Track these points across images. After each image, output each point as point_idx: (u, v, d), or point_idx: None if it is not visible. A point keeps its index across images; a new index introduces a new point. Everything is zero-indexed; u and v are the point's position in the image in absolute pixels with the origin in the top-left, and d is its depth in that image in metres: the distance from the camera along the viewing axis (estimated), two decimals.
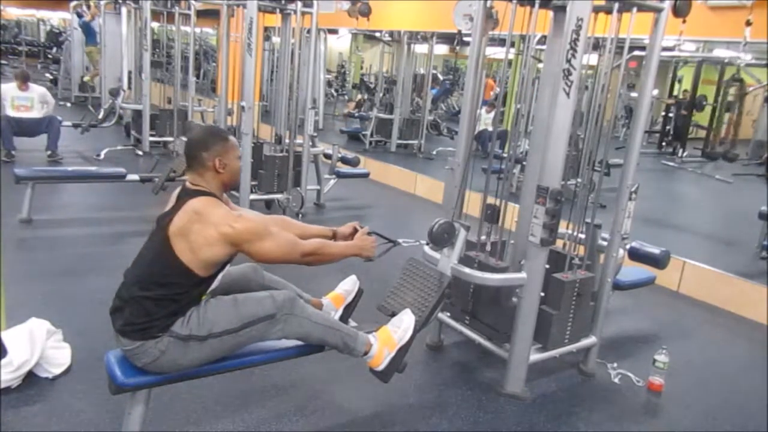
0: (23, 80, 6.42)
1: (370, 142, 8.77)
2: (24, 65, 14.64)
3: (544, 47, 3.10)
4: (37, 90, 6.57)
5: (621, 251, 2.88)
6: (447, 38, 9.62)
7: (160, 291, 1.83)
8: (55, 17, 20.63)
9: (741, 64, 6.02)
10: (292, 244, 1.95)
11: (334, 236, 2.27)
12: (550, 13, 2.65)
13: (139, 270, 1.90)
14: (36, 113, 6.46)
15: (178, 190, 1.94)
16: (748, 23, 4.13)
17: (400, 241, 2.42)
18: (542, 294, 2.61)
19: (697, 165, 9.84)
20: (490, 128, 7.86)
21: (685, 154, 10.48)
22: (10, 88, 6.38)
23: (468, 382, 2.78)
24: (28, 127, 6.41)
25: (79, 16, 10.08)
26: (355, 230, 2.28)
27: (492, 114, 8.04)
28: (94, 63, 10.15)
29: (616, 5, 2.54)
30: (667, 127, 11.43)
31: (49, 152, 6.44)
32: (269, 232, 1.90)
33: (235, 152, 1.96)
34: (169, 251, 1.81)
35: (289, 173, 5.06)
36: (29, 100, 6.44)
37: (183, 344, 1.84)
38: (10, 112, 6.32)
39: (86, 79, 10.58)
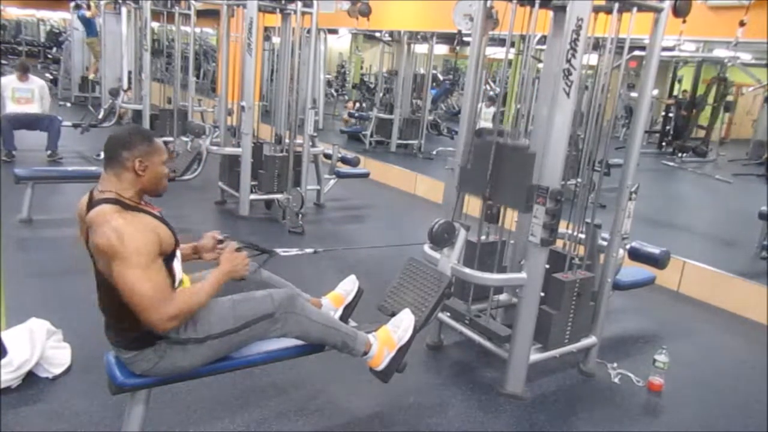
0: (23, 71, 6.44)
1: (370, 142, 8.78)
2: (24, 59, 14.67)
3: (544, 47, 3.10)
4: (37, 82, 6.60)
5: (621, 251, 2.88)
6: (447, 38, 9.61)
7: (125, 312, 1.74)
8: (55, 17, 20.63)
9: (728, 63, 6.02)
10: (167, 301, 1.68)
11: (195, 252, 2.10)
12: (550, 13, 2.65)
13: (99, 295, 1.84)
14: (36, 107, 6.47)
15: (85, 199, 1.82)
16: (742, 24, 4.14)
17: (278, 251, 2.20)
18: (542, 294, 2.61)
19: (697, 165, 9.86)
20: (490, 125, 7.84)
21: (685, 154, 10.50)
22: (11, 80, 6.41)
23: (468, 382, 2.78)
24: (28, 122, 6.42)
25: (79, 7, 10.06)
26: (218, 241, 2.07)
27: (492, 109, 8.01)
28: (95, 54, 10.14)
29: (616, 5, 2.54)
30: (667, 127, 11.44)
31: (49, 152, 6.44)
32: (145, 265, 1.65)
33: (159, 156, 1.82)
34: (98, 270, 1.75)
35: (289, 173, 5.06)
36: (30, 92, 6.45)
37: (181, 348, 1.83)
38: (11, 105, 6.32)
39: (91, 76, 10.59)
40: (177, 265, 1.87)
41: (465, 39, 3.70)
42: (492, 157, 2.60)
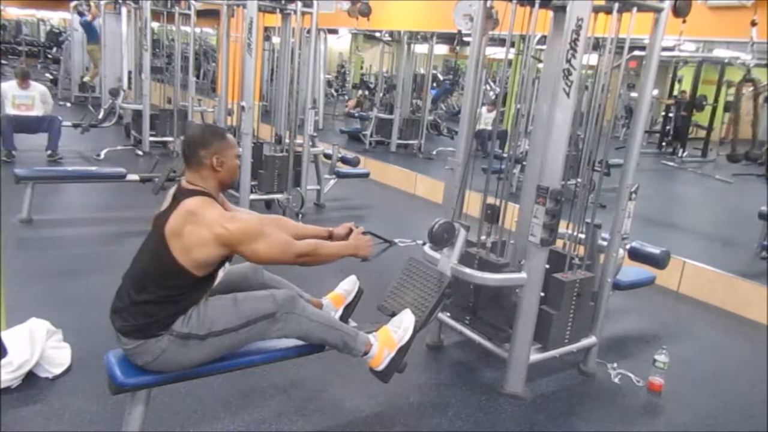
0: (23, 78, 6.42)
1: (370, 142, 8.78)
2: (24, 65, 14.69)
3: (544, 47, 3.10)
4: (38, 88, 6.57)
5: (621, 251, 2.88)
6: (447, 38, 9.62)
7: (158, 293, 1.83)
8: (55, 17, 20.63)
9: (750, 64, 6.00)
10: (286, 245, 1.94)
11: (330, 237, 2.26)
12: (550, 13, 2.65)
13: (137, 272, 1.89)
14: (37, 112, 6.47)
15: (173, 189, 1.93)
16: (753, 23, 4.11)
17: (396, 241, 2.41)
18: (542, 294, 2.61)
19: (697, 165, 9.86)
20: (490, 127, 7.84)
21: (685, 154, 10.50)
22: (11, 86, 6.38)
23: (468, 382, 2.78)
24: (28, 125, 6.41)
25: (80, 14, 10.07)
26: (351, 231, 2.26)
27: (492, 114, 8.01)
28: (95, 61, 10.16)
29: (616, 5, 2.54)
30: (667, 127, 11.44)
31: (49, 152, 6.43)
32: (263, 233, 1.88)
33: (232, 150, 1.95)
34: (166, 252, 1.80)
35: (289, 173, 5.06)
36: (30, 99, 6.44)
37: (183, 343, 1.84)
38: (11, 111, 6.31)
39: (86, 79, 10.60)
40: (221, 273, 1.96)
41: (465, 39, 3.70)
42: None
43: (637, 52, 5.28)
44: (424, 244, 2.53)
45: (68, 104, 10.19)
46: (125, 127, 8.02)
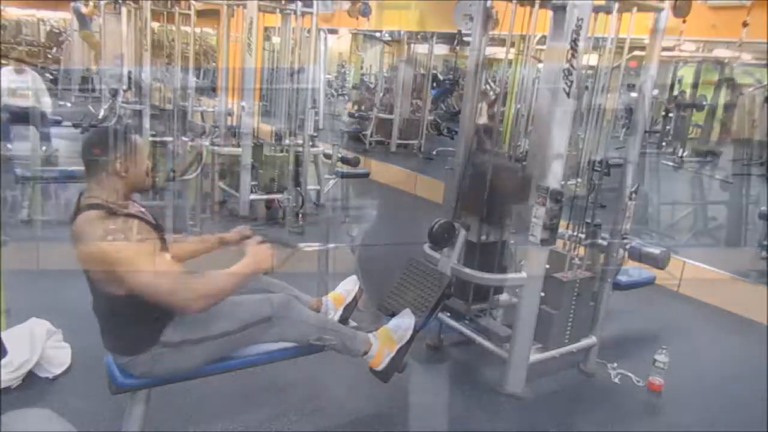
0: (19, 67, 6.47)
1: (370, 142, 8.77)
2: (21, 52, 14.72)
3: (544, 47, 3.10)
4: (30, 73, 6.61)
5: (621, 251, 2.87)
6: (447, 38, 9.61)
7: (116, 317, 1.78)
8: (55, 17, 20.62)
9: (734, 64, 6.09)
10: (186, 284, 1.70)
11: (220, 244, 2.11)
12: (550, 13, 2.65)
13: (93, 300, 1.83)
14: (32, 101, 6.48)
15: (75, 206, 1.77)
16: (745, 24, 4.16)
17: (301, 245, 2.23)
18: (542, 294, 2.61)
19: (698, 165, 9.84)
20: (482, 121, 7.79)
21: (685, 153, 10.49)
22: (10, 70, 6.44)
23: (468, 382, 2.78)
24: (22, 115, 6.40)
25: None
26: (243, 237, 2.05)
27: (484, 104, 7.93)
28: (93, 46, 10.13)
29: (616, 5, 2.55)
30: (667, 127, 11.44)
31: (44, 148, 6.41)
32: (150, 263, 1.65)
33: (139, 153, 1.79)
34: (89, 278, 1.73)
35: (289, 173, 5.06)
36: (25, 84, 6.46)
37: (177, 350, 1.82)
38: (7, 99, 6.32)
39: (92, 67, 10.62)
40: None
41: (465, 39, 3.70)
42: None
43: (637, 52, 5.28)
44: (336, 247, 2.41)
45: (68, 104, 10.18)
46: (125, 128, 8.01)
